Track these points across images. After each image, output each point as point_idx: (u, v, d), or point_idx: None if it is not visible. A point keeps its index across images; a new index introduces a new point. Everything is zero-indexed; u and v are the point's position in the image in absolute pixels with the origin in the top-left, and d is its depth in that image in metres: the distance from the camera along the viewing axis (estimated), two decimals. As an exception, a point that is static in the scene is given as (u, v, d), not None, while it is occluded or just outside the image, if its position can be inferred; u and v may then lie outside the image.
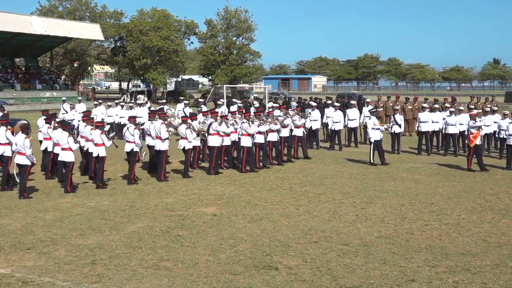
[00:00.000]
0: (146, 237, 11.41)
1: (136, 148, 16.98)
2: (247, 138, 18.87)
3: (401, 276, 9.20)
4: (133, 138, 16.85)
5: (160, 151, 17.52)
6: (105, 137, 16.44)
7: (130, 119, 17.80)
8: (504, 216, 13.13)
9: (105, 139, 16.41)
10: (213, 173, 18.46)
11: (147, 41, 64.01)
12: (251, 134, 18.88)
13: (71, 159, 15.90)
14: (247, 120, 19.09)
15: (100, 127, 16.83)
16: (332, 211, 13.61)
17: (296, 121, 21.55)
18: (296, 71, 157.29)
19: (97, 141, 16.47)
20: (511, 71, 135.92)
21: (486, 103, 28.85)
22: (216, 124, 18.62)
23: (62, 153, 15.99)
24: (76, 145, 16.14)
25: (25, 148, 15.11)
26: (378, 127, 20.74)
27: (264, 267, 9.61)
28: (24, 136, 15.31)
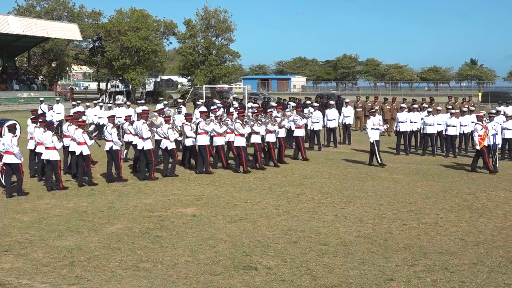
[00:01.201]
0: (125, 238, 11.36)
1: (115, 147, 17.07)
2: (241, 138, 18.80)
3: (380, 275, 9.25)
4: (111, 137, 17.00)
5: (146, 150, 17.57)
6: (87, 136, 16.60)
7: (109, 118, 17.98)
8: (481, 215, 13.25)
9: (87, 138, 16.57)
10: (210, 172, 18.56)
11: (125, 41, 63.67)
12: (244, 134, 18.80)
13: (56, 158, 16.02)
14: (240, 120, 19.00)
15: (82, 126, 17.01)
16: (311, 211, 13.64)
17: (298, 121, 21.49)
18: (275, 71, 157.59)
19: (80, 140, 16.63)
20: (488, 71, 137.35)
21: (464, 103, 29.11)
22: (204, 124, 18.60)
23: (47, 152, 16.06)
24: (60, 144, 16.22)
25: (13, 147, 15.17)
26: (377, 127, 20.58)
27: (244, 267, 9.61)
28: (11, 135, 15.36)
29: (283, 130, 20.93)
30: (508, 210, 13.80)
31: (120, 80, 74.41)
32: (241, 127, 18.75)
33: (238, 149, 18.95)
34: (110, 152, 17.27)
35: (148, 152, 17.62)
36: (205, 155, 18.76)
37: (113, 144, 17.06)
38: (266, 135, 19.82)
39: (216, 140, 19.14)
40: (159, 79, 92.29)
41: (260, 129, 19.37)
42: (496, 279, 9.06)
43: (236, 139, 18.87)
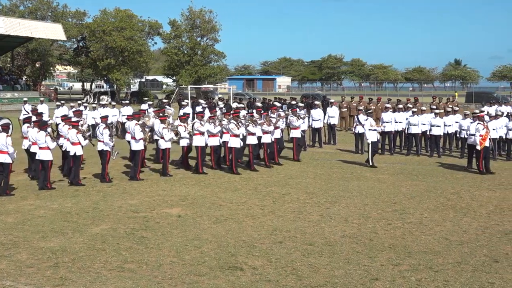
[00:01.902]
0: (110, 239, 11.31)
1: (106, 148, 17.11)
2: (235, 139, 18.70)
3: (365, 275, 9.28)
4: (102, 137, 17.09)
5: (136, 151, 17.63)
6: (81, 136, 16.72)
7: (102, 119, 18.07)
8: (466, 215, 13.33)
9: (81, 139, 16.71)
10: (201, 173, 18.54)
11: (110, 41, 63.42)
12: (238, 135, 18.69)
13: (49, 158, 16.13)
14: (235, 121, 18.90)
15: (76, 126, 17.09)
16: (296, 211, 13.66)
17: (294, 122, 21.43)
18: (260, 71, 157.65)
19: (74, 140, 16.74)
20: (472, 71, 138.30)
21: (448, 103, 29.30)
22: (198, 124, 18.56)
23: (40, 152, 16.15)
24: (54, 144, 16.29)
25: (8, 146, 15.20)
26: (375, 128, 20.55)
27: (229, 267, 9.60)
28: (5, 134, 15.39)
29: (279, 131, 20.85)
30: (492, 209, 13.90)
31: (105, 81, 74.02)
32: (236, 128, 18.66)
33: (229, 150, 18.92)
34: (101, 153, 17.36)
35: (138, 153, 17.61)
36: (202, 156, 18.76)
37: (104, 145, 17.14)
38: (262, 136, 19.73)
39: (210, 140, 19.08)
40: (144, 79, 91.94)
41: (256, 130, 19.30)
42: (480, 278, 9.12)
43: (230, 140, 18.79)
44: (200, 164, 18.71)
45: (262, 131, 19.62)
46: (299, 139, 21.82)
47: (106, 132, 17.09)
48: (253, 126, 19.21)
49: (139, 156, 17.70)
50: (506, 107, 28.74)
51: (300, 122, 21.99)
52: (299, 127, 21.90)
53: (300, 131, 22.02)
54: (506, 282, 8.96)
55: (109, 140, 17.10)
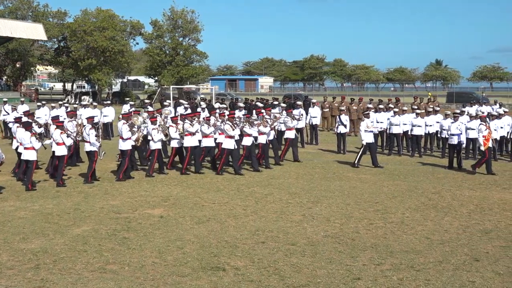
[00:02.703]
0: (92, 240, 11.25)
1: (93, 148, 17.16)
2: (230, 141, 18.60)
3: (347, 274, 9.31)
4: (89, 138, 17.16)
5: (123, 150, 17.67)
6: (65, 137, 16.76)
7: (88, 119, 18.06)
8: (447, 214, 13.43)
9: (65, 139, 16.73)
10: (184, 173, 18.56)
11: (91, 41, 63.04)
12: (233, 136, 18.59)
13: (33, 158, 16.20)
14: (230, 122, 18.82)
15: (61, 127, 17.11)
16: (279, 211, 13.67)
17: (288, 123, 21.34)
18: (243, 72, 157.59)
19: (58, 140, 16.79)
20: (453, 72, 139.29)
21: (429, 104, 29.48)
22: (188, 125, 18.49)
23: (25, 152, 16.23)
24: (39, 144, 16.28)
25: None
26: (371, 129, 20.47)
27: (212, 268, 9.59)
28: None
29: (273, 132, 20.73)
30: (473, 208, 14.01)
31: (86, 81, 73.53)
32: (231, 129, 18.53)
33: (222, 151, 18.80)
34: (88, 153, 17.44)
35: (125, 152, 17.65)
36: (191, 156, 18.73)
37: (90, 146, 17.21)
38: (258, 137, 19.61)
39: (205, 141, 19.02)
40: (126, 79, 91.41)
41: (253, 131, 19.19)
42: (461, 277, 9.19)
43: (224, 141, 18.70)
44: (185, 164, 18.71)
45: (258, 132, 19.51)
46: (293, 140, 21.69)
47: (92, 132, 17.10)
48: (249, 127, 19.10)
49: (127, 155, 17.66)
50: (487, 107, 28.99)
51: (295, 123, 21.89)
52: (294, 128, 21.77)
53: (294, 132, 21.88)
54: (486, 280, 9.04)
55: (95, 140, 17.09)
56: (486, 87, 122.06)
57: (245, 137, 19.11)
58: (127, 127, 17.70)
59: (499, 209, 14.01)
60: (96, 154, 17.28)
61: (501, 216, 13.29)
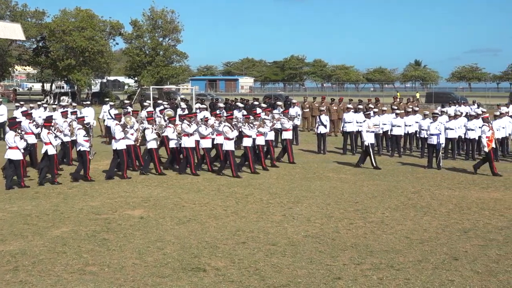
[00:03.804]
0: (71, 241, 11.17)
1: (83, 148, 17.33)
2: (229, 142, 18.39)
3: (327, 274, 9.34)
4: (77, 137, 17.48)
5: (118, 150, 17.86)
6: (52, 137, 16.91)
7: (79, 119, 18.36)
8: (426, 214, 13.52)
9: (52, 139, 16.88)
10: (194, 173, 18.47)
11: (70, 41, 62.55)
12: (231, 138, 18.38)
13: (19, 157, 16.25)
14: (229, 123, 18.66)
15: (48, 126, 17.22)
16: (259, 211, 13.68)
17: (285, 123, 21.20)
18: (223, 72, 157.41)
19: (45, 140, 16.91)
20: (432, 72, 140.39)
21: (408, 104, 29.67)
22: (185, 126, 18.40)
23: (9, 152, 16.28)
24: (23, 143, 16.36)
25: None
26: (372, 129, 20.36)
27: (192, 269, 9.58)
28: None
29: (272, 132, 20.58)
30: (452, 208, 14.13)
31: (65, 81, 72.99)
32: (229, 131, 18.33)
33: (226, 153, 18.55)
34: (78, 153, 17.65)
35: (120, 152, 17.86)
36: (189, 157, 18.60)
37: (81, 146, 17.40)
38: (257, 138, 19.44)
39: (202, 142, 18.92)
40: (106, 80, 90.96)
41: (252, 132, 19.03)
42: (440, 276, 9.26)
43: (224, 142, 18.49)
44: (193, 165, 18.61)
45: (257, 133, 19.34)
46: (290, 141, 21.52)
47: (80, 132, 17.33)
48: (249, 129, 18.95)
49: (122, 155, 17.84)
50: (465, 107, 29.25)
51: (291, 124, 21.79)
52: (291, 128, 21.65)
53: (291, 133, 21.73)
54: (465, 279, 9.12)
55: (84, 140, 17.27)
56: (465, 87, 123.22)
57: (244, 138, 19.00)
58: (119, 127, 17.85)
59: (478, 208, 14.13)
60: (87, 154, 17.42)
61: (480, 215, 13.41)
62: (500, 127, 22.20)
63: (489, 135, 18.78)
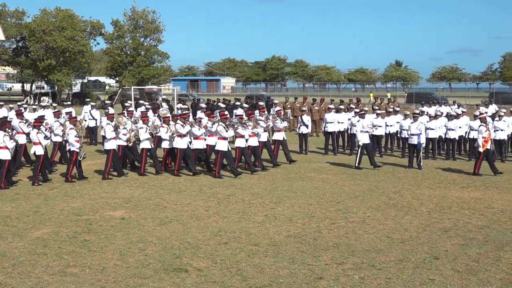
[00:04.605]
0: (52, 243, 11.09)
1: (73, 148, 17.34)
2: (223, 142, 18.27)
3: (309, 274, 9.36)
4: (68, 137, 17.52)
5: (107, 150, 18.00)
6: (41, 137, 16.99)
7: (71, 120, 18.37)
8: (407, 213, 13.60)
9: (41, 139, 16.96)
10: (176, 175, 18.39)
11: (51, 41, 62.10)
12: (226, 138, 18.29)
13: (6, 157, 16.25)
14: (223, 123, 18.54)
15: (37, 126, 17.30)
16: (241, 211, 13.68)
17: (278, 124, 21.10)
18: (204, 72, 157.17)
19: (34, 140, 17.04)
20: (412, 72, 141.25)
21: (389, 104, 29.82)
22: (179, 126, 18.31)
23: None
24: (13, 144, 16.44)
25: None
26: (366, 130, 20.38)
27: (174, 269, 9.55)
28: None
29: (266, 134, 20.49)
30: (432, 207, 14.23)
31: (46, 81, 72.40)
32: (224, 130, 18.23)
33: (216, 152, 18.47)
34: (69, 152, 17.72)
35: (108, 152, 17.95)
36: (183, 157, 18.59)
37: (71, 146, 17.46)
38: (249, 139, 19.32)
39: (195, 143, 18.85)
40: (86, 80, 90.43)
41: (245, 133, 18.93)
42: (421, 275, 9.32)
43: (218, 142, 18.37)
44: (177, 166, 18.56)
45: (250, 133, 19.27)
46: (282, 142, 21.37)
47: (72, 132, 17.34)
48: (242, 129, 18.83)
49: (109, 155, 17.90)
50: (446, 107, 29.46)
51: (284, 124, 21.70)
52: (283, 129, 21.54)
53: (283, 134, 21.55)
54: (446, 278, 9.18)
55: (75, 141, 17.25)
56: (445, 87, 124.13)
57: (237, 139, 18.90)
58: (110, 127, 17.96)
59: (458, 207, 14.25)
60: (75, 154, 17.36)
61: (460, 214, 13.52)
62: (457, 127, 22.46)
63: (486, 136, 18.74)
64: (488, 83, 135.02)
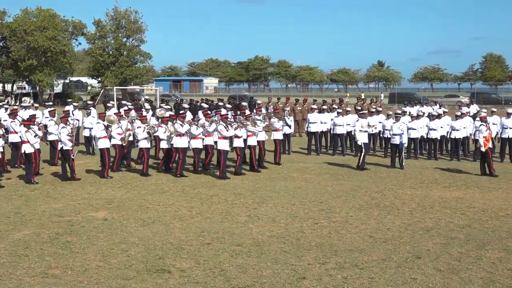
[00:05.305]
0: (33, 244, 11.01)
1: (66, 147, 17.39)
2: (224, 141, 18.18)
3: (292, 274, 9.37)
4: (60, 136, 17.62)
5: (100, 149, 18.14)
6: (30, 135, 17.05)
7: (62, 119, 18.26)
8: (389, 213, 13.66)
9: (30, 137, 17.01)
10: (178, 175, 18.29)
11: (32, 41, 61.69)
12: (227, 137, 18.22)
13: None
14: (224, 122, 18.42)
15: (27, 125, 17.35)
16: (224, 212, 13.67)
17: (275, 124, 21.02)
18: (187, 72, 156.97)
19: (23, 138, 17.18)
20: (394, 73, 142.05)
21: (372, 104, 29.93)
22: (178, 125, 18.22)
23: None
24: (2, 142, 16.62)
25: None
26: (365, 129, 20.32)
27: (157, 270, 9.52)
28: None
29: (263, 133, 20.26)
30: (414, 207, 14.30)
31: (27, 82, 71.90)
32: (225, 130, 18.09)
33: (218, 153, 18.34)
34: (61, 152, 17.67)
35: (102, 150, 18.03)
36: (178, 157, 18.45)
37: (63, 144, 17.46)
38: (248, 139, 19.24)
39: (192, 143, 18.74)
40: (68, 80, 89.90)
41: (242, 133, 18.83)
42: (403, 274, 9.37)
43: (219, 142, 18.22)
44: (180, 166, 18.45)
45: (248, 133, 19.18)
46: (280, 141, 21.39)
47: (64, 131, 17.40)
48: (240, 129, 18.73)
49: (104, 154, 17.99)
50: (427, 108, 29.63)
51: (281, 124, 21.61)
52: (281, 128, 21.46)
53: (281, 133, 21.53)
54: (428, 277, 9.24)
55: (67, 140, 17.33)
56: (427, 87, 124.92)
57: (235, 139, 18.78)
58: (101, 125, 18.12)
59: (440, 207, 14.34)
60: (70, 153, 17.45)
61: (442, 214, 13.61)
62: (461, 127, 22.54)
63: (486, 135, 18.66)
64: (470, 83, 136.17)
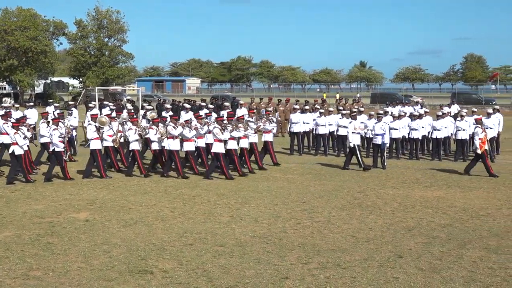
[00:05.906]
0: (14, 246, 10.92)
1: (57, 148, 17.41)
2: (219, 144, 18.04)
3: (275, 274, 9.38)
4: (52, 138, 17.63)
5: (92, 150, 18.13)
6: (18, 137, 16.97)
7: (54, 120, 18.30)
8: (371, 213, 13.72)
9: (18, 139, 16.95)
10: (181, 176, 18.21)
11: (12, 41, 61.20)
12: (222, 140, 18.07)
13: None
14: (219, 125, 18.30)
15: (16, 126, 17.24)
16: (207, 212, 13.65)
17: (267, 125, 20.85)
18: (169, 73, 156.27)
19: (12, 139, 17.16)
20: (377, 73, 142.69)
21: (354, 104, 30.06)
22: (171, 128, 18.12)
23: None
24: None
25: None
26: (358, 131, 20.29)
27: (139, 271, 9.48)
28: None
29: (256, 135, 20.23)
30: (396, 206, 14.38)
31: (7, 82, 71.27)
32: (220, 132, 18.00)
33: (215, 155, 18.18)
34: (53, 153, 17.68)
35: (94, 152, 18.00)
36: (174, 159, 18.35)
37: (55, 146, 17.49)
38: (240, 141, 19.17)
39: (185, 145, 18.64)
40: (49, 80, 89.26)
41: (237, 135, 18.70)
42: (386, 273, 9.41)
43: (214, 144, 18.11)
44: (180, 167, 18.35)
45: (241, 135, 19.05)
46: (271, 143, 21.23)
47: (55, 133, 17.41)
48: (236, 131, 18.62)
49: (96, 155, 17.97)
50: (409, 108, 29.79)
51: (273, 126, 21.53)
52: (272, 130, 21.34)
53: (272, 135, 21.36)
54: (409, 276, 9.29)
55: (59, 141, 17.35)
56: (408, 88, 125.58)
57: (229, 141, 18.56)
58: (92, 127, 18.13)
59: (421, 206, 14.43)
60: (62, 154, 17.50)
61: (423, 213, 13.69)
62: (443, 127, 22.71)
63: (482, 137, 18.65)
64: (451, 83, 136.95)
